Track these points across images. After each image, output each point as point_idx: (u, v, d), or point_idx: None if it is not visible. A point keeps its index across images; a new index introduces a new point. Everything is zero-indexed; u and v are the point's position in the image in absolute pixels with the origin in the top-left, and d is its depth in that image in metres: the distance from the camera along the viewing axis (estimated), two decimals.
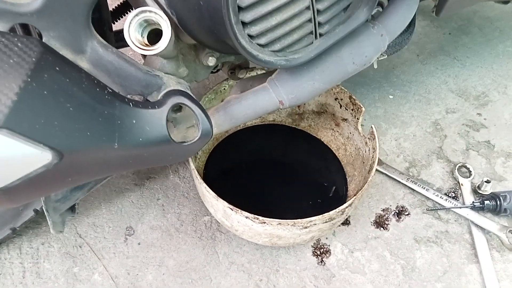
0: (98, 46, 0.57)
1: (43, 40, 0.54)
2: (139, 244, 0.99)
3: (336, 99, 1.04)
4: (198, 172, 0.85)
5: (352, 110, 1.02)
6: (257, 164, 1.13)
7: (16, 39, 0.47)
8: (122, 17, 0.97)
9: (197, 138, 0.62)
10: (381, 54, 0.76)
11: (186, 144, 0.61)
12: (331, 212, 0.78)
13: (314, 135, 1.16)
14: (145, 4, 0.59)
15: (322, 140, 1.15)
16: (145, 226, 1.03)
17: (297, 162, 1.13)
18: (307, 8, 0.55)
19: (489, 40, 1.53)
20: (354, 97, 0.99)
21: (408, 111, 1.30)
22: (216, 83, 1.04)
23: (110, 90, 0.55)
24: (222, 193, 0.81)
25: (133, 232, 1.01)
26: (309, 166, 1.13)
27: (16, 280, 0.92)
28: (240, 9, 0.51)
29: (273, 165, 1.14)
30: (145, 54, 0.56)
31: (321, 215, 0.78)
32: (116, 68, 0.59)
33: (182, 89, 0.63)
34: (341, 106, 1.05)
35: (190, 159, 0.86)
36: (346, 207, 0.80)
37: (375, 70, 1.39)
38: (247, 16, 0.52)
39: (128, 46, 0.87)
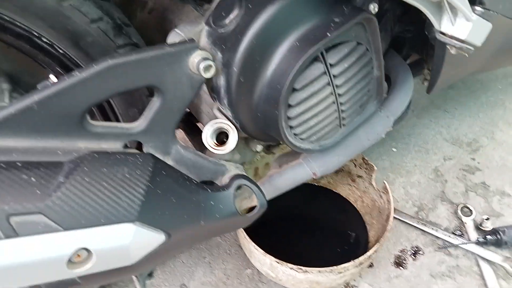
0: (180, 148, 0.77)
1: (143, 149, 0.74)
2: None
3: (351, 160, 1.24)
4: None
5: (366, 168, 1.21)
6: (285, 218, 1.31)
7: (137, 155, 0.66)
8: None
9: (257, 210, 0.80)
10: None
11: (248, 216, 0.80)
12: (360, 258, 0.95)
13: (333, 189, 1.35)
14: (212, 116, 0.79)
15: (341, 194, 1.33)
16: (197, 282, 1.18)
17: (321, 214, 1.31)
18: (335, 110, 0.75)
19: (473, 91, 1.76)
20: (366, 158, 1.19)
21: (411, 161, 1.49)
22: None
23: (195, 182, 0.74)
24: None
25: None
26: (331, 217, 1.30)
27: None
28: (288, 118, 0.71)
29: (300, 218, 1.31)
30: (217, 153, 0.76)
31: (352, 261, 0.95)
32: (193, 162, 0.78)
33: (241, 173, 0.82)
34: (355, 166, 1.24)
35: None
36: (372, 253, 0.97)
37: None
38: (294, 122, 0.72)
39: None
